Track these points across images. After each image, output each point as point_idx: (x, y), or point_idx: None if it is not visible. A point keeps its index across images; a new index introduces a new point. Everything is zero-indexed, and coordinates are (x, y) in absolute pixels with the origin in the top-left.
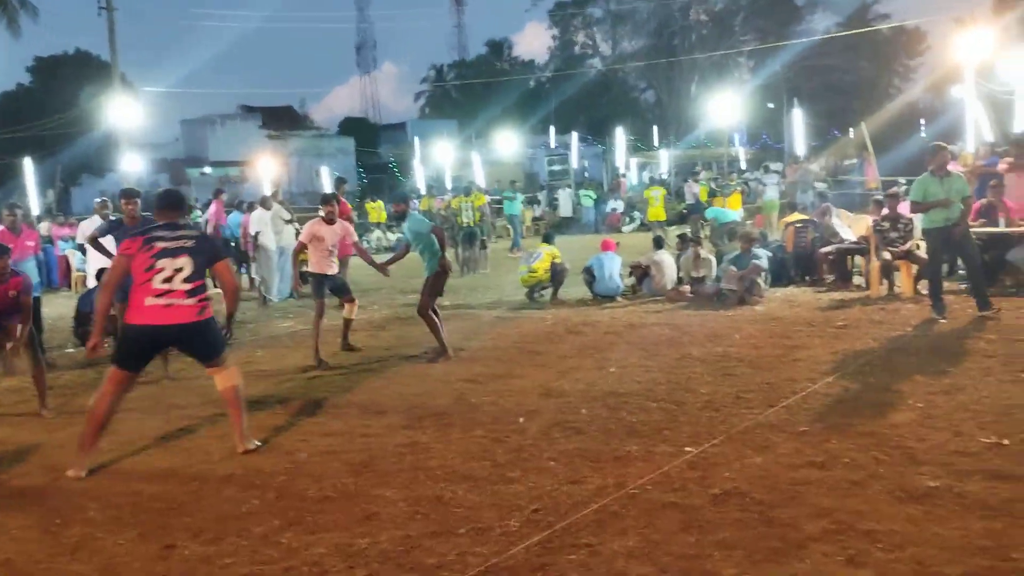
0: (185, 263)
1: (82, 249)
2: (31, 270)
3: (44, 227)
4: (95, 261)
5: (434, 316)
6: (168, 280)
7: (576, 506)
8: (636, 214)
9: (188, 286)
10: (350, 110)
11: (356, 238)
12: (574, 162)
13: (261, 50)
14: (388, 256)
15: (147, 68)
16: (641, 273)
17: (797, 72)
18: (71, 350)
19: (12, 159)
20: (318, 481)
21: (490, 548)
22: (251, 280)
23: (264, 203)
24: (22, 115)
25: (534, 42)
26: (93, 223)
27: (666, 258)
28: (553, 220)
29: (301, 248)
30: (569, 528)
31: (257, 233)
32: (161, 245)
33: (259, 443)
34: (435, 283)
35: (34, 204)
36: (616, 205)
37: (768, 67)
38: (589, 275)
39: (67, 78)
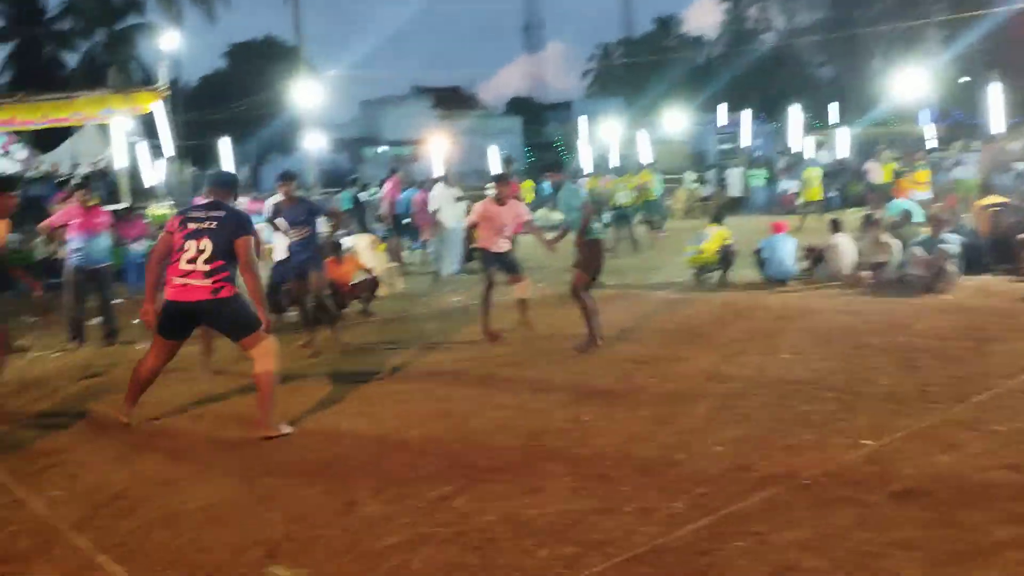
0: (206, 245)
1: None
2: None
3: (242, 202)
4: (278, 236)
5: (588, 299)
6: (191, 261)
7: (743, 493)
8: None
9: (207, 267)
10: (517, 90)
11: (528, 217)
12: (745, 140)
13: (433, 32)
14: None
15: (328, 52)
16: (816, 257)
17: (997, 43)
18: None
19: (212, 138)
20: (488, 451)
21: (655, 528)
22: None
23: (446, 180)
24: (219, 98)
25: (703, 18)
26: (278, 200)
27: (844, 241)
28: (722, 200)
29: (472, 227)
30: (736, 514)
31: (437, 209)
32: (192, 226)
33: (288, 429)
34: (588, 261)
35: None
36: (789, 185)
37: (962, 38)
38: (760, 258)
39: (258, 63)
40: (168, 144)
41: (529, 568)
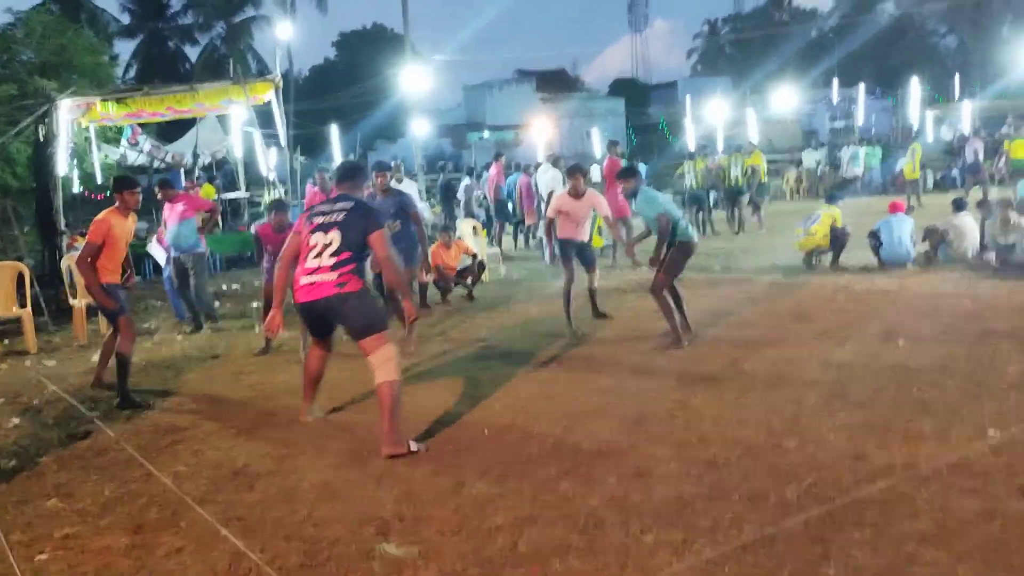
0: (334, 237)
1: None
2: None
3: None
4: None
5: (669, 297)
6: (318, 256)
7: (859, 483)
8: (929, 172)
9: (332, 260)
10: (620, 71)
11: (607, 211)
12: (859, 117)
13: (537, 15)
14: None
15: (434, 38)
16: (937, 238)
17: None
18: None
19: (321, 127)
20: (592, 435)
21: (765, 516)
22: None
23: (555, 162)
24: (328, 86)
25: None
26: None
27: (968, 222)
28: (834, 180)
29: (549, 223)
30: (852, 505)
31: (551, 192)
32: (317, 220)
33: (416, 447)
34: (673, 265)
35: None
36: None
37: None
38: (875, 240)
39: (366, 51)
40: (282, 133)
41: (635, 552)
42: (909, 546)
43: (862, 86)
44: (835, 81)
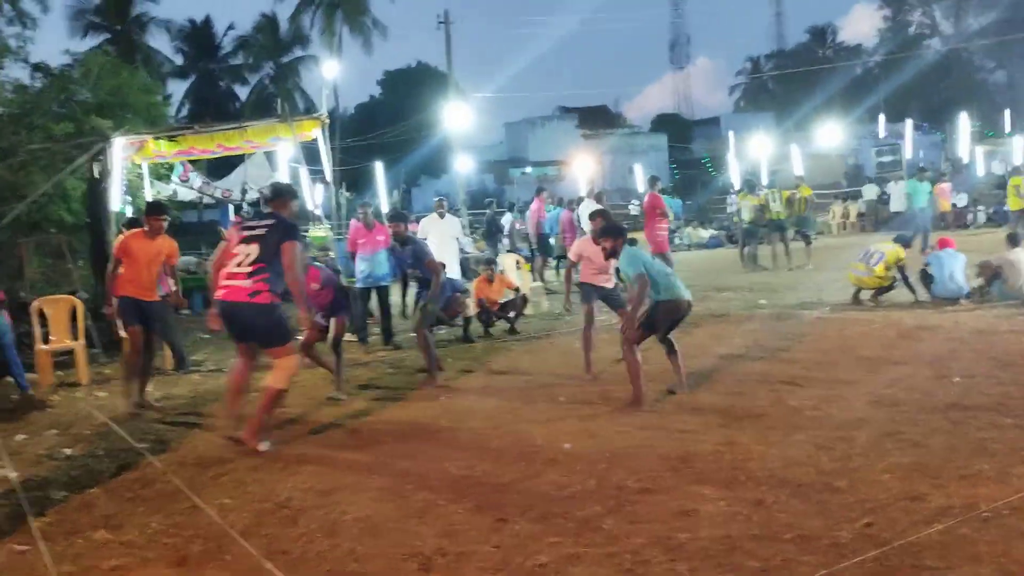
0: (253, 249)
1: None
2: (381, 262)
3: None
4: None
5: (634, 356)
6: (238, 264)
7: (916, 525)
8: (981, 208)
9: (249, 269)
10: (663, 107)
11: None
12: (908, 151)
13: (578, 52)
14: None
15: (477, 75)
16: (991, 274)
17: None
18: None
19: (365, 163)
20: (636, 472)
21: (818, 558)
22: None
23: (598, 198)
24: (373, 124)
25: (861, 25)
26: (432, 221)
27: (1022, 257)
28: (881, 215)
29: (571, 267)
30: (908, 547)
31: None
32: (244, 234)
33: (263, 448)
34: (654, 320)
35: (383, 203)
36: (957, 200)
37: None
38: (926, 275)
39: (410, 89)
40: (327, 169)
41: None
42: None
43: (909, 121)
44: (881, 116)
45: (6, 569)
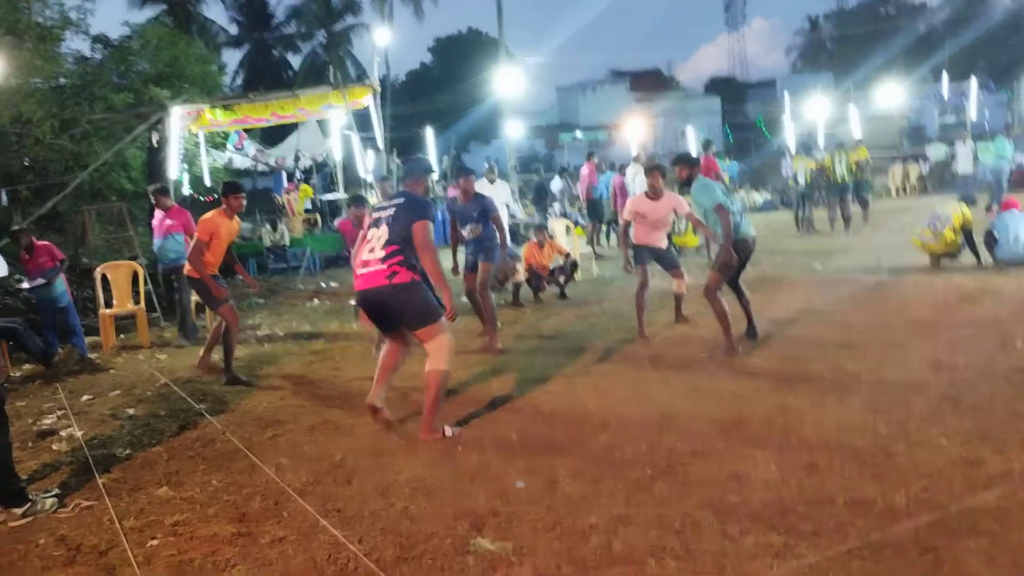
0: (384, 231)
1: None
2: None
3: (440, 188)
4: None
5: (720, 303)
6: (371, 250)
7: (973, 489)
8: None
9: (383, 253)
10: (717, 69)
11: (688, 209)
12: (972, 112)
13: (631, 15)
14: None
15: (528, 39)
16: None
17: None
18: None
19: (416, 130)
20: (687, 436)
21: (871, 522)
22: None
23: (646, 163)
24: (424, 90)
25: None
26: (481, 186)
27: None
28: (946, 177)
29: (626, 225)
30: (966, 512)
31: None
32: (375, 216)
33: (451, 430)
34: (727, 263)
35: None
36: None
37: None
38: (991, 238)
39: (461, 55)
40: (379, 136)
41: (734, 555)
42: None
43: (974, 80)
44: (944, 76)
45: (74, 523)
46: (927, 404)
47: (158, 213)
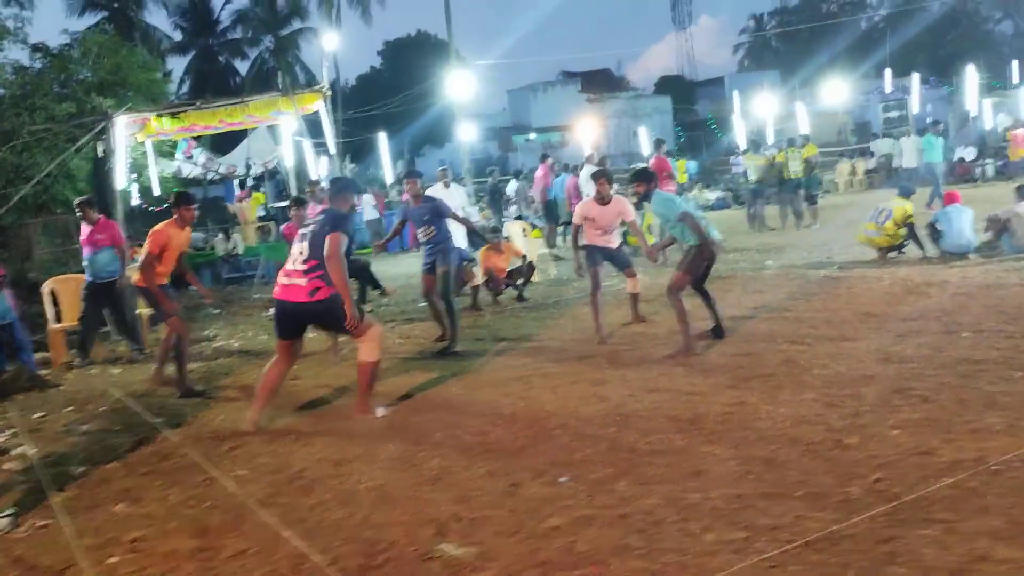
0: (305, 247)
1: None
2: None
3: (367, 199)
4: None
5: (681, 303)
6: (294, 262)
7: (926, 479)
8: (989, 162)
9: (304, 267)
10: (666, 68)
11: (633, 216)
12: (915, 106)
13: (580, 16)
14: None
15: (478, 43)
16: (1000, 228)
17: None
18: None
19: (368, 135)
20: (646, 435)
21: (829, 515)
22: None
23: (600, 163)
24: (375, 94)
25: None
26: (436, 191)
27: None
28: (889, 172)
29: (576, 229)
30: (919, 501)
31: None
32: (301, 231)
33: (381, 412)
34: (694, 262)
35: (388, 174)
36: (965, 154)
37: None
38: (934, 231)
39: (411, 58)
40: (330, 141)
41: (696, 552)
42: (981, 543)
43: (916, 76)
44: (887, 71)
45: (30, 543)
46: (878, 396)
47: (85, 227)
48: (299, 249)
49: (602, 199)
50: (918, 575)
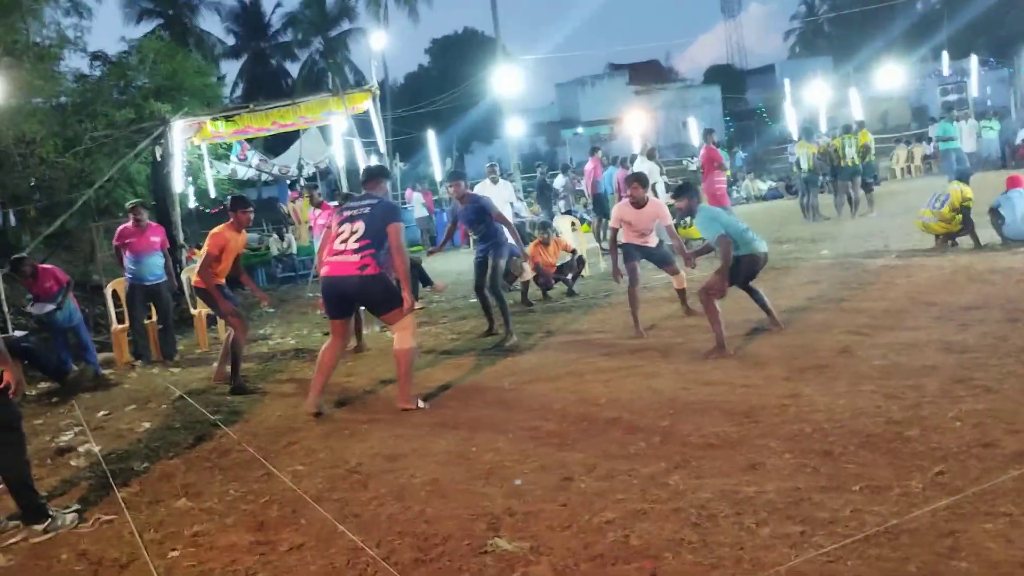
0: (359, 227)
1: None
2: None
3: (417, 196)
4: None
5: (716, 306)
6: (343, 242)
7: (989, 471)
8: None
9: (356, 245)
10: (715, 58)
11: (670, 221)
12: (974, 89)
13: (627, 7)
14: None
15: (524, 38)
16: None
17: None
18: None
19: (417, 132)
20: (700, 428)
21: (888, 508)
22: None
23: (651, 155)
24: (423, 92)
25: None
26: (485, 187)
27: None
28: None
29: (614, 232)
30: (982, 495)
31: (652, 184)
32: (346, 214)
33: (422, 405)
34: (733, 270)
35: (437, 171)
36: None
37: None
38: (996, 216)
39: (458, 55)
40: (380, 140)
41: (751, 546)
42: None
43: (974, 57)
44: (945, 54)
45: (95, 537)
46: (939, 387)
47: (132, 228)
48: (350, 229)
49: (637, 203)
50: (982, 570)
